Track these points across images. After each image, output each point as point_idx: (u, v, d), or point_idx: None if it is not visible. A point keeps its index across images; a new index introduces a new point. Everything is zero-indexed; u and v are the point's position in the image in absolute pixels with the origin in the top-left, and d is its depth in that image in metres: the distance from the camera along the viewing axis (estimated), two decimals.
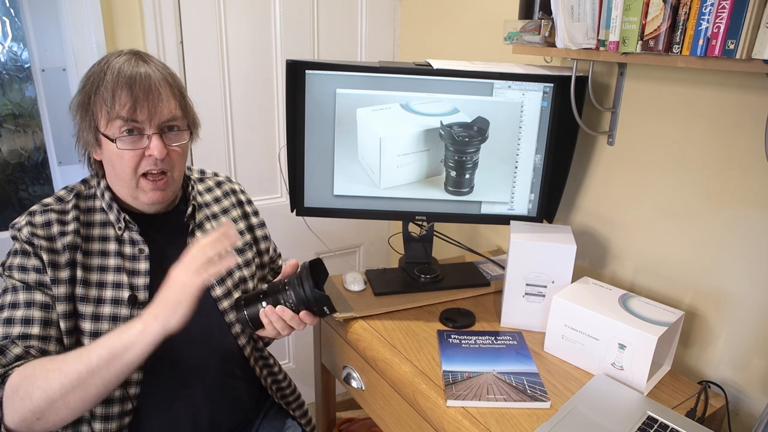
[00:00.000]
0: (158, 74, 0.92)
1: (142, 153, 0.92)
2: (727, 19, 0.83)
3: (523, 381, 0.99)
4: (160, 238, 1.01)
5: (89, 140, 0.93)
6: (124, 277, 0.95)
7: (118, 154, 0.91)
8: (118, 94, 0.88)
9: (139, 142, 0.91)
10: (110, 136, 0.90)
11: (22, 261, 0.91)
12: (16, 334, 0.87)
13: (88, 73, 0.93)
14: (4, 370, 0.84)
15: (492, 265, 1.48)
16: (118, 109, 0.89)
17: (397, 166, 1.25)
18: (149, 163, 0.93)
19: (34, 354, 0.87)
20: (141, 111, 0.90)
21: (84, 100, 0.91)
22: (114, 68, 0.90)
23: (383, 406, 1.15)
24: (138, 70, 0.90)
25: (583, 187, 1.34)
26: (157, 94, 0.91)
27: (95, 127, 0.91)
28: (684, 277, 1.14)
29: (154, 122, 0.92)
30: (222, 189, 1.14)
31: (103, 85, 0.89)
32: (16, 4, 1.45)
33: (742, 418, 1.06)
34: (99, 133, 0.91)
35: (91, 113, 0.91)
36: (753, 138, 0.99)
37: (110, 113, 0.89)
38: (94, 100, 0.90)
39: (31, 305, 0.89)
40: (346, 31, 1.83)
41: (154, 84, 0.91)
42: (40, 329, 0.88)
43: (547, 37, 1.12)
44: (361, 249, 2.10)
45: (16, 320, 0.88)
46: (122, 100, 0.89)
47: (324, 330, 1.34)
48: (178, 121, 0.96)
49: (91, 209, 0.98)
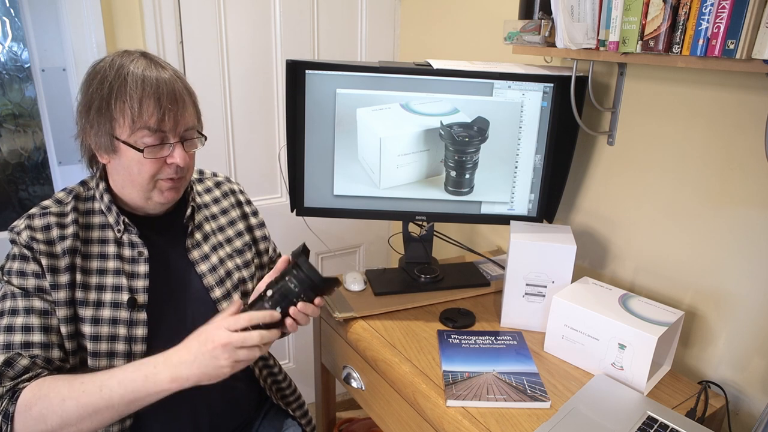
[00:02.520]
0: (179, 83, 0.92)
1: (163, 161, 0.92)
2: (727, 19, 0.83)
3: (523, 381, 0.99)
4: (160, 240, 1.01)
5: (103, 145, 0.91)
6: (123, 279, 0.95)
7: (138, 161, 0.90)
8: (146, 104, 0.87)
9: (162, 150, 0.91)
10: (135, 145, 0.89)
11: (21, 266, 0.90)
12: (18, 342, 0.87)
13: (98, 76, 0.89)
14: (14, 384, 0.84)
15: (492, 265, 1.48)
16: (146, 119, 0.88)
17: (397, 166, 1.25)
18: (170, 171, 0.93)
19: (40, 363, 0.87)
20: (168, 121, 0.90)
21: (100, 104, 0.88)
22: (135, 74, 0.88)
23: (383, 406, 1.15)
24: (161, 76, 0.89)
25: (583, 187, 1.34)
26: (182, 103, 0.91)
27: (112, 134, 0.89)
28: (684, 277, 1.14)
29: (179, 131, 0.92)
30: (221, 189, 1.14)
31: (127, 92, 0.87)
32: (16, 4, 1.45)
33: (742, 418, 1.06)
34: (116, 140, 0.90)
35: (109, 119, 0.89)
36: (753, 138, 0.99)
37: (135, 122, 0.88)
38: (115, 107, 0.88)
39: (30, 312, 0.88)
40: (346, 31, 1.83)
41: (179, 93, 0.91)
42: (41, 336, 0.88)
43: (547, 37, 1.12)
44: (361, 249, 2.10)
45: (17, 328, 0.87)
46: (150, 110, 0.88)
47: (324, 330, 1.34)
48: (196, 128, 0.97)
49: (90, 211, 0.97)
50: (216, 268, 1.04)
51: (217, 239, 1.07)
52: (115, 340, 0.93)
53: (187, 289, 1.02)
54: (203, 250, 1.04)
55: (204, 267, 1.03)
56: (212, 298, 1.03)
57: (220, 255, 1.06)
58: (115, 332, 0.93)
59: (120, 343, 0.93)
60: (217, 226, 1.09)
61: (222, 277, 1.05)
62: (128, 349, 0.94)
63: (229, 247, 1.09)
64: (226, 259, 1.07)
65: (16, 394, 0.83)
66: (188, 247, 1.03)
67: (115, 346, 0.93)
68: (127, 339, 0.94)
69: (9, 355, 0.85)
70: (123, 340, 0.93)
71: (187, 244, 1.03)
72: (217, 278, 1.04)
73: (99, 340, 0.92)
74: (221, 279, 1.05)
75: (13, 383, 0.84)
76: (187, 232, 1.04)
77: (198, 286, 1.02)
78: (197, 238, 1.05)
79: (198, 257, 1.03)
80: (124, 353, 0.93)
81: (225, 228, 1.10)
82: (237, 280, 1.08)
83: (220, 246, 1.07)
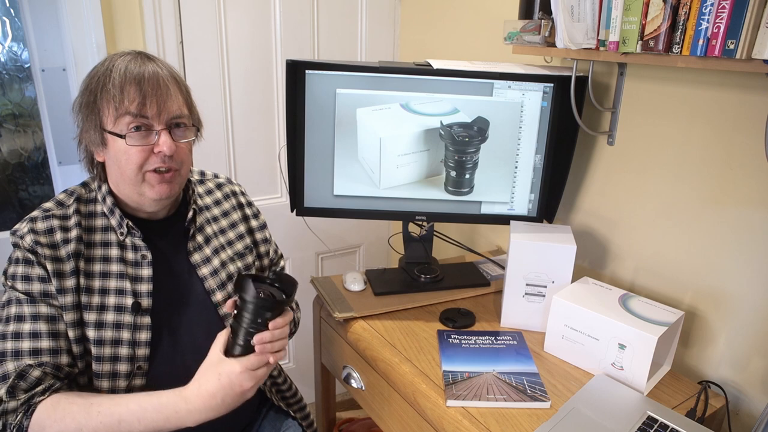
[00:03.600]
0: (165, 71, 0.92)
1: (150, 149, 0.91)
2: (727, 19, 0.83)
3: (523, 381, 0.99)
4: (162, 243, 1.00)
5: (94, 140, 0.91)
6: (127, 283, 0.94)
7: (125, 150, 0.90)
8: (127, 90, 0.88)
9: (147, 138, 0.90)
10: (118, 133, 0.89)
11: (25, 270, 0.89)
12: (26, 349, 0.86)
13: (91, 74, 0.92)
14: (28, 396, 0.84)
15: (492, 265, 1.48)
16: (127, 104, 0.88)
17: (397, 166, 1.25)
18: (157, 160, 0.91)
19: (50, 372, 0.87)
20: (150, 106, 0.89)
21: (89, 99, 0.90)
22: (120, 67, 0.89)
23: (383, 406, 1.15)
24: (145, 67, 0.90)
25: (583, 187, 1.34)
26: (165, 89, 0.90)
27: (101, 126, 0.90)
28: (684, 277, 1.14)
29: (163, 118, 0.91)
30: (222, 191, 1.13)
31: (110, 82, 0.88)
32: (16, 4, 1.45)
33: (742, 418, 1.06)
34: (105, 132, 0.90)
35: (96, 112, 0.90)
36: (753, 138, 0.99)
37: (118, 109, 0.88)
38: (100, 98, 0.89)
39: (37, 318, 0.88)
40: (346, 31, 1.83)
41: (162, 80, 0.90)
42: (50, 342, 0.88)
43: (547, 37, 1.12)
44: (361, 249, 2.10)
45: (25, 334, 0.87)
46: (131, 96, 0.88)
47: (324, 330, 1.34)
48: (185, 118, 0.95)
49: (92, 214, 0.97)
50: (217, 271, 1.04)
51: (218, 242, 1.07)
52: (119, 344, 0.92)
53: (189, 292, 1.01)
54: (205, 252, 1.04)
55: (205, 270, 1.03)
56: (213, 301, 1.02)
57: (221, 258, 1.06)
58: (118, 336, 0.92)
59: (123, 347, 0.93)
60: (219, 229, 1.08)
61: (223, 280, 1.04)
62: (132, 353, 0.93)
63: (230, 249, 1.08)
64: (227, 262, 1.06)
65: (31, 409, 0.83)
66: (190, 249, 1.02)
67: (118, 351, 0.92)
68: (130, 343, 0.93)
69: (21, 367, 0.85)
70: (126, 344, 0.93)
71: (188, 247, 1.02)
72: (219, 282, 1.03)
73: (102, 344, 0.91)
74: (222, 282, 1.04)
75: (27, 395, 0.84)
76: (188, 234, 1.03)
77: (199, 290, 1.02)
78: (199, 240, 1.04)
79: (200, 260, 1.03)
80: (127, 357, 0.93)
81: (226, 230, 1.10)
82: None
83: (221, 248, 1.07)
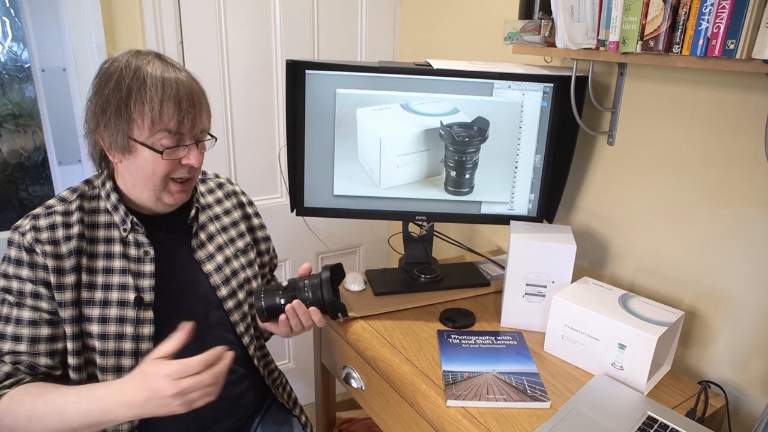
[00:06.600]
0: (196, 85, 0.94)
1: (178, 161, 0.94)
2: (727, 19, 0.83)
3: (523, 381, 0.99)
4: (165, 239, 1.02)
5: (118, 145, 0.91)
6: (129, 279, 0.96)
7: (155, 161, 0.91)
8: (167, 107, 0.88)
9: (177, 151, 0.93)
10: (154, 147, 0.90)
11: (16, 271, 0.91)
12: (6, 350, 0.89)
13: (115, 77, 0.89)
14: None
15: (492, 265, 1.48)
16: (166, 121, 0.89)
17: (397, 166, 1.25)
18: (183, 171, 0.95)
19: (23, 369, 0.89)
20: (187, 123, 0.91)
21: (119, 105, 0.88)
22: (155, 77, 0.89)
23: (383, 406, 1.15)
24: (179, 78, 0.91)
25: (583, 187, 1.34)
26: (199, 106, 0.93)
27: (128, 134, 0.90)
28: (684, 277, 1.14)
29: (194, 133, 0.94)
30: (224, 190, 1.15)
31: (147, 94, 0.88)
32: (16, 4, 1.45)
33: (742, 418, 1.06)
34: (132, 140, 0.90)
35: (126, 120, 0.89)
36: (753, 138, 0.99)
37: (156, 125, 0.89)
38: (134, 108, 0.88)
39: (20, 321, 0.90)
40: (346, 31, 1.83)
41: (196, 95, 0.92)
42: (28, 346, 0.90)
43: (547, 37, 1.12)
44: (361, 249, 2.10)
45: (8, 335, 0.89)
46: (170, 113, 0.89)
47: (324, 330, 1.34)
48: (209, 130, 0.99)
49: (95, 210, 0.98)
50: (221, 267, 1.06)
51: (221, 239, 1.09)
52: (123, 338, 0.94)
53: (194, 288, 1.04)
54: (208, 249, 1.06)
55: (210, 266, 1.05)
56: (218, 296, 1.05)
57: (225, 254, 1.08)
58: (122, 331, 0.94)
59: (127, 341, 0.94)
60: (221, 227, 1.10)
61: (228, 276, 1.07)
62: (135, 348, 0.95)
63: (232, 247, 1.10)
64: (231, 259, 1.09)
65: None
66: (194, 247, 1.05)
67: (122, 345, 0.94)
68: (134, 337, 0.95)
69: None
70: (130, 338, 0.94)
71: (192, 244, 1.05)
72: (223, 277, 1.06)
73: (107, 339, 0.93)
74: (227, 278, 1.07)
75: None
76: (191, 232, 1.05)
77: (205, 285, 1.04)
78: (202, 238, 1.06)
79: (204, 257, 1.05)
80: (131, 352, 0.95)
81: (228, 228, 1.11)
82: (242, 279, 1.10)
83: (224, 246, 1.09)
